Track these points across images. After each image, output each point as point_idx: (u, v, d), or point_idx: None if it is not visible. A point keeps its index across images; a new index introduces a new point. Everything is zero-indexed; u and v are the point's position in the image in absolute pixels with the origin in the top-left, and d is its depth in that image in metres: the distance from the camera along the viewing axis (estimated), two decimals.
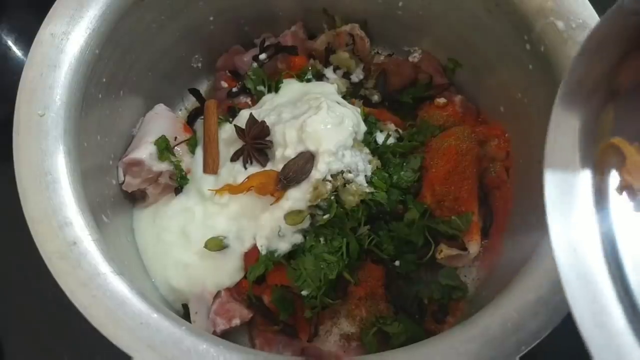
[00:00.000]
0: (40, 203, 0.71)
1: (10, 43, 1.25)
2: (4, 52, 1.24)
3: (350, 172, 0.86)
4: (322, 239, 0.85)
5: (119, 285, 0.69)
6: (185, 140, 0.97)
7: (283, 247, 0.85)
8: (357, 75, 1.06)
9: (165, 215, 0.93)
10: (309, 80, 1.01)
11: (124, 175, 0.91)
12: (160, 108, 0.99)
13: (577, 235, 0.45)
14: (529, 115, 0.89)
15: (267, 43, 1.07)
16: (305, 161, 0.84)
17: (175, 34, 1.00)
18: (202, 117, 0.99)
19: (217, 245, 0.88)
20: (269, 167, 0.89)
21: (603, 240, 0.45)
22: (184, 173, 0.95)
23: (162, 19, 0.94)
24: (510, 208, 0.94)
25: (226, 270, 0.88)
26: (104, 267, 0.70)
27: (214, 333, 0.83)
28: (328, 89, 0.97)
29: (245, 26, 1.09)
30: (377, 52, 1.13)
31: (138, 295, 0.69)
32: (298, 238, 0.86)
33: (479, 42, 0.97)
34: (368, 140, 0.93)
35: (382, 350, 0.76)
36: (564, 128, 0.48)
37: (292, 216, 0.84)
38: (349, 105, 0.95)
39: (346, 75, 1.05)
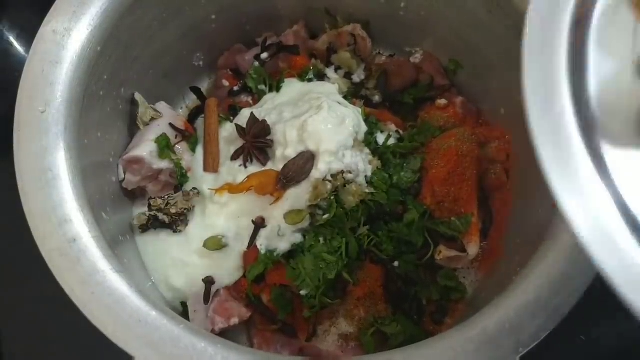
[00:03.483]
0: (40, 199, 0.71)
1: (12, 39, 1.25)
2: (5, 49, 1.25)
3: (350, 172, 0.86)
4: (321, 239, 0.85)
5: (118, 282, 0.69)
6: (185, 139, 0.97)
7: (282, 246, 0.85)
8: (358, 76, 1.06)
9: None
10: (310, 80, 1.01)
11: (124, 173, 0.91)
12: (162, 106, 0.99)
13: (587, 198, 0.41)
14: None
15: (268, 42, 1.07)
16: (305, 161, 0.84)
17: (177, 32, 1.00)
18: (203, 115, 0.99)
19: (216, 244, 0.88)
20: (269, 166, 0.89)
21: (613, 195, 0.41)
22: (184, 171, 0.95)
23: (164, 17, 0.94)
24: (510, 210, 0.94)
25: (225, 269, 0.88)
26: (104, 265, 0.70)
27: (213, 332, 0.83)
28: (329, 89, 0.97)
29: (247, 25, 1.09)
30: (379, 53, 1.13)
31: (137, 293, 0.69)
32: (297, 237, 0.86)
33: (480, 43, 0.97)
34: (369, 141, 0.93)
35: (380, 351, 0.76)
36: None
37: (291, 216, 0.85)
38: (350, 106, 0.95)
39: (347, 76, 1.05)
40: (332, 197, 0.85)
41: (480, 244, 0.90)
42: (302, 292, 0.83)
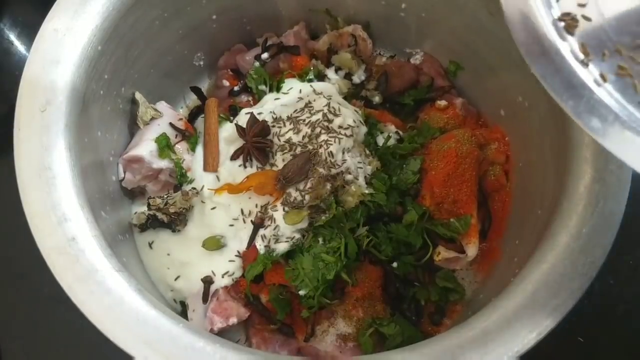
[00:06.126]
0: (40, 198, 0.71)
1: (12, 38, 1.26)
2: (6, 47, 1.25)
3: (350, 173, 0.87)
4: (320, 239, 0.85)
5: (117, 281, 0.69)
6: (185, 138, 0.97)
7: (281, 246, 0.85)
8: (358, 77, 1.06)
9: None
10: (310, 81, 1.01)
11: (124, 172, 0.92)
12: (162, 106, 1.00)
13: None
14: (529, 119, 0.89)
15: (269, 42, 1.07)
16: (304, 161, 0.85)
17: (178, 32, 1.00)
18: (203, 115, 0.99)
19: (215, 244, 0.88)
20: (268, 166, 0.89)
21: None
22: (184, 171, 0.95)
23: (165, 17, 0.95)
24: (509, 211, 0.94)
25: (224, 269, 0.88)
26: (103, 264, 0.70)
27: (211, 331, 0.83)
28: (329, 90, 0.97)
29: (247, 25, 1.10)
30: (379, 54, 1.13)
31: (136, 292, 0.69)
32: (297, 238, 0.86)
33: (480, 45, 0.97)
34: (368, 142, 0.93)
35: (378, 352, 0.76)
36: None
37: (291, 216, 0.85)
38: (350, 106, 0.95)
39: (348, 76, 1.05)
40: (332, 198, 0.85)
41: (479, 245, 0.90)
42: (301, 292, 0.83)
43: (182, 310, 0.90)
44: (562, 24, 0.56)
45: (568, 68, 0.54)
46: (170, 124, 0.96)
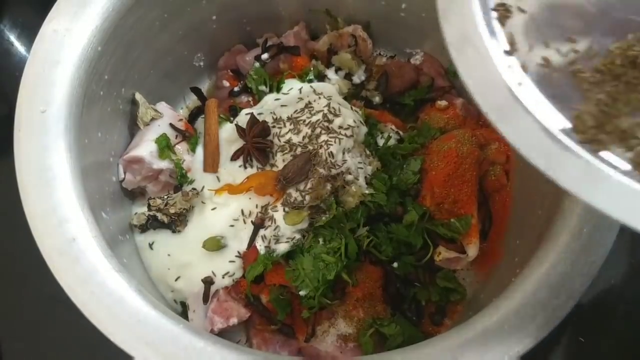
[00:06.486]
0: (40, 199, 0.71)
1: (12, 39, 1.26)
2: (6, 48, 1.25)
3: (350, 173, 0.87)
4: (321, 240, 0.85)
5: (117, 282, 0.69)
6: (185, 139, 0.97)
7: (282, 247, 0.86)
8: (358, 77, 1.06)
9: None
10: (310, 81, 1.01)
11: (124, 173, 0.92)
12: (162, 106, 1.00)
13: None
14: None
15: (269, 43, 1.07)
16: (304, 162, 0.85)
17: (178, 32, 1.00)
18: (203, 115, 0.99)
19: (215, 245, 0.88)
20: (268, 167, 0.89)
21: None
22: (184, 172, 0.95)
23: (164, 17, 0.95)
24: (510, 211, 0.94)
25: (224, 270, 0.88)
26: (103, 264, 0.70)
27: (212, 332, 0.83)
28: (329, 90, 0.97)
29: (247, 25, 1.10)
30: (379, 54, 1.13)
31: (136, 292, 0.69)
32: (297, 238, 0.86)
33: None
34: (368, 142, 0.93)
35: (379, 352, 0.76)
36: None
37: (291, 216, 0.85)
38: (350, 107, 0.95)
39: (348, 77, 1.05)
40: (332, 198, 0.85)
41: (480, 245, 0.90)
42: (301, 293, 0.83)
43: (182, 310, 0.90)
44: (495, 14, 0.55)
45: (486, 58, 0.54)
46: (171, 124, 0.96)
